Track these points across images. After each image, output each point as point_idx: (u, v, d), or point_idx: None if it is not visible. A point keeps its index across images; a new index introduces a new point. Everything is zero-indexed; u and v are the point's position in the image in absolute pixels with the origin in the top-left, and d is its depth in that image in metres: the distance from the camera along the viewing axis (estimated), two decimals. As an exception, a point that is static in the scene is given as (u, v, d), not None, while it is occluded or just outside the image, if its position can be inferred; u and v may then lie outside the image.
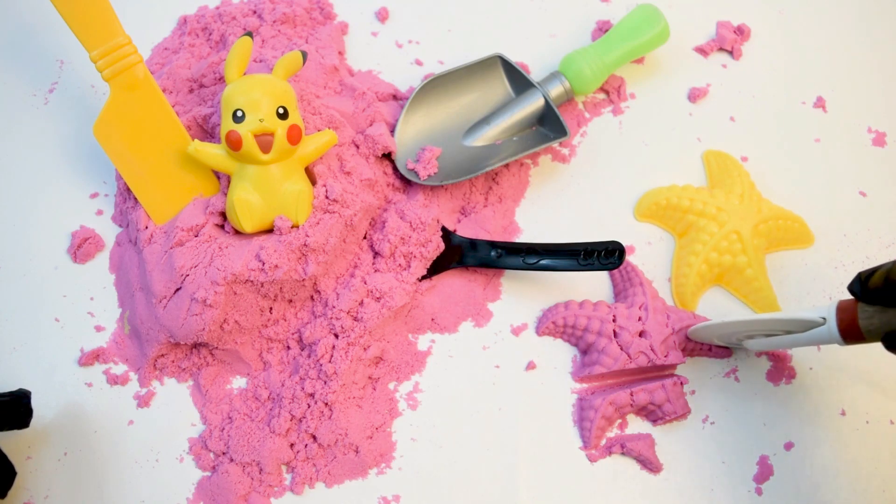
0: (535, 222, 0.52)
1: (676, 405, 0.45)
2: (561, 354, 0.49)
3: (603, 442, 0.46)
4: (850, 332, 0.35)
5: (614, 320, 0.47)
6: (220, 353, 0.47)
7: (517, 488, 0.45)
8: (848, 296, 0.46)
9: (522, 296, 0.50)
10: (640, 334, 0.46)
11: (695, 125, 0.56)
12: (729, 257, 0.49)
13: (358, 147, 0.49)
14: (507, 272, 0.51)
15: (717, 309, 0.50)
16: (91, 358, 0.47)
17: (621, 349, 0.46)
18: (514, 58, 0.54)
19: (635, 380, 0.47)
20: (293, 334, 0.48)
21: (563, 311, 0.48)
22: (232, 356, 0.47)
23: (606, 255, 0.47)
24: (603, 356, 0.46)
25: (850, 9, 0.60)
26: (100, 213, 0.51)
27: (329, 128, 0.48)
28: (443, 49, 0.57)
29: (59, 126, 0.53)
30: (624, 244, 0.48)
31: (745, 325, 0.43)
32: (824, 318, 0.37)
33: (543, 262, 0.48)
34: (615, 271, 0.50)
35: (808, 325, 0.38)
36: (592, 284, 0.50)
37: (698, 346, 0.48)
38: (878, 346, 0.50)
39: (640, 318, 0.47)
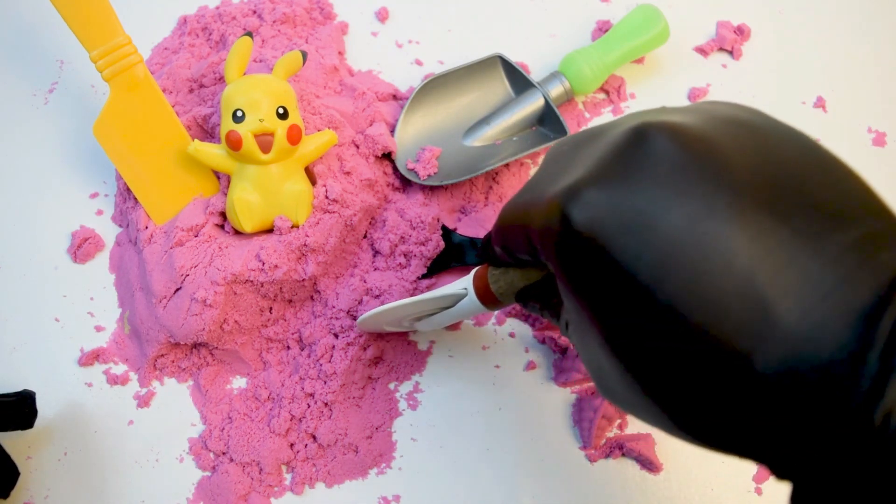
0: (535, 222, 0.52)
1: None
2: (561, 354, 0.49)
3: (603, 442, 0.46)
4: (487, 296, 0.35)
5: None
6: (220, 353, 0.47)
7: (517, 488, 0.45)
8: None
9: (522, 296, 0.50)
10: None
11: (695, 125, 0.55)
12: None
13: (358, 147, 0.49)
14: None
15: None
16: (91, 358, 0.47)
17: None
18: (514, 58, 0.54)
19: None
20: (293, 334, 0.48)
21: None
22: (232, 356, 0.47)
23: None
24: (579, 361, 0.46)
25: (850, 9, 0.60)
26: (100, 213, 0.51)
27: (329, 128, 0.48)
28: (443, 49, 0.57)
29: (59, 126, 0.53)
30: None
31: (405, 309, 0.42)
32: (466, 289, 0.37)
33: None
34: None
35: (456, 299, 0.38)
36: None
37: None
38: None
39: None
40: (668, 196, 0.23)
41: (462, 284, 0.38)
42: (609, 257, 0.24)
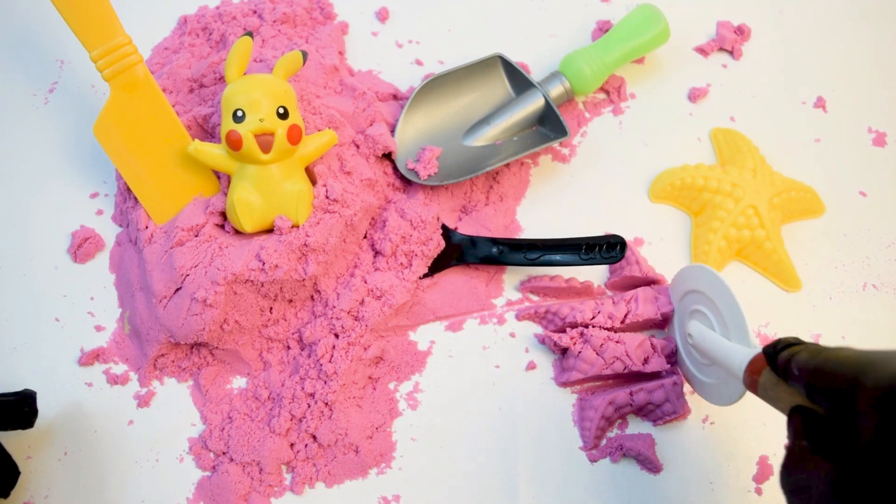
0: (536, 221, 0.52)
1: (676, 405, 0.45)
2: (561, 354, 0.49)
3: (603, 442, 0.46)
4: (751, 385, 0.37)
5: (593, 317, 0.47)
6: (220, 353, 0.47)
7: (517, 488, 0.45)
8: None
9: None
10: (617, 341, 0.46)
11: (695, 125, 0.56)
12: (747, 232, 0.49)
13: (358, 147, 0.49)
14: (509, 269, 0.51)
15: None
16: (91, 358, 0.47)
17: (597, 354, 0.46)
18: (514, 58, 0.54)
19: (632, 380, 0.47)
20: (293, 334, 0.48)
21: (549, 281, 0.49)
22: (232, 356, 0.47)
23: (608, 249, 0.47)
24: (580, 361, 0.46)
25: (850, 9, 0.60)
26: (100, 213, 0.51)
27: (329, 128, 0.48)
28: (443, 49, 0.57)
29: (59, 126, 0.53)
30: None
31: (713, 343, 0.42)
32: (740, 367, 0.38)
33: (545, 257, 0.48)
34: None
35: (730, 366, 0.39)
36: (594, 279, 0.50)
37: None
38: (877, 347, 0.50)
39: (627, 313, 0.47)
40: None
41: (741, 358, 0.38)
42: None
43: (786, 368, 0.32)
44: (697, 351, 0.43)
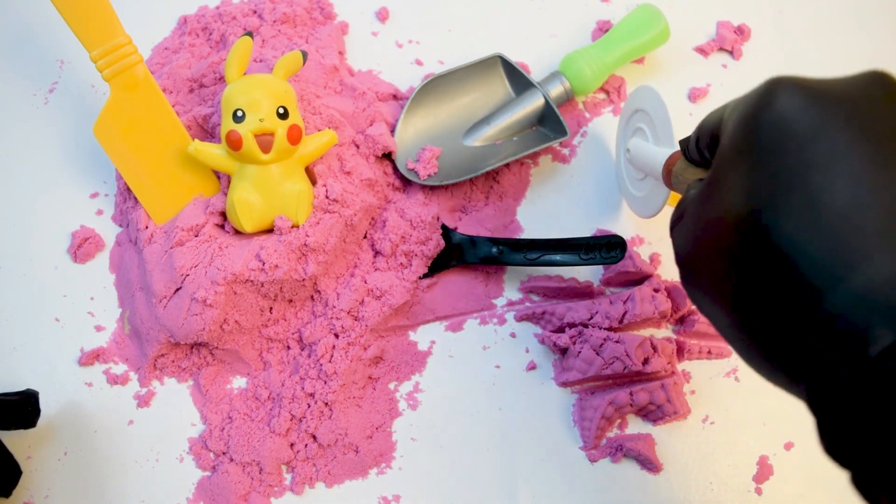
0: (536, 221, 0.52)
1: (676, 405, 0.45)
2: (561, 354, 0.49)
3: (603, 442, 0.46)
4: (667, 176, 0.40)
5: (591, 318, 0.47)
6: (220, 353, 0.47)
7: (517, 488, 0.45)
8: None
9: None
10: (617, 341, 0.46)
11: (695, 125, 0.55)
12: None
13: (358, 147, 0.49)
14: (509, 269, 0.51)
15: None
16: (91, 358, 0.47)
17: (596, 354, 0.46)
18: (514, 58, 0.54)
19: (632, 381, 0.47)
20: (293, 334, 0.48)
21: (549, 281, 0.49)
22: (232, 356, 0.47)
23: (608, 250, 0.47)
24: (579, 361, 0.46)
25: (850, 9, 0.60)
26: (100, 213, 0.51)
27: (329, 128, 0.48)
28: (443, 49, 0.57)
29: (59, 126, 0.53)
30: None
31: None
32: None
33: (545, 257, 0.48)
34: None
35: (654, 160, 0.42)
36: (594, 279, 0.50)
37: (696, 347, 0.48)
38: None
39: (624, 313, 0.47)
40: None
41: (662, 157, 0.41)
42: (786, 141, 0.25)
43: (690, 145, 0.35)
44: (633, 165, 0.46)
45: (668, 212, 0.44)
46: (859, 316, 0.22)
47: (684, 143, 0.36)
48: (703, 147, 0.33)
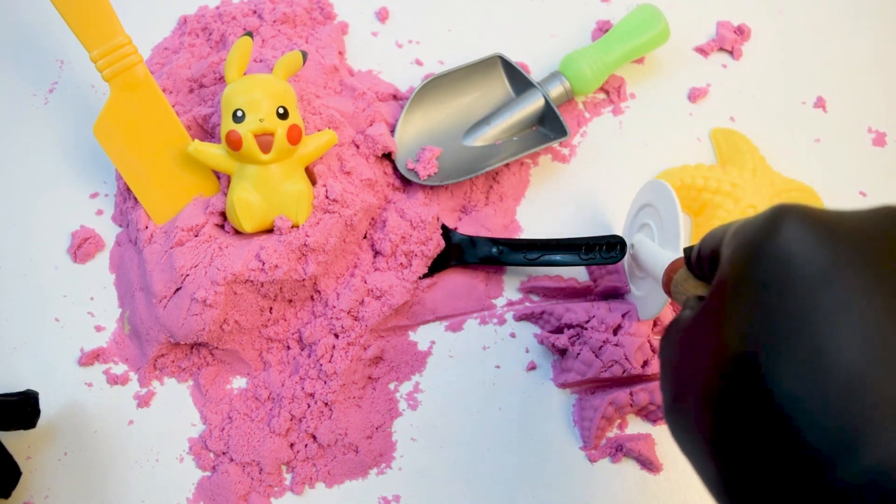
0: (535, 221, 0.52)
1: None
2: (561, 354, 0.49)
3: (603, 442, 0.46)
4: (667, 284, 0.37)
5: (588, 320, 0.47)
6: (220, 353, 0.47)
7: (517, 488, 0.45)
8: None
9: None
10: (616, 344, 0.46)
11: (695, 125, 0.56)
12: None
13: (358, 147, 0.49)
14: (509, 269, 0.51)
15: None
16: (91, 358, 0.47)
17: (595, 356, 0.46)
18: (514, 58, 0.54)
19: (632, 381, 0.47)
20: (293, 334, 0.48)
21: (549, 281, 0.49)
22: (232, 356, 0.47)
23: (608, 249, 0.47)
24: (577, 363, 0.46)
25: (850, 9, 0.60)
26: (100, 213, 0.51)
27: (329, 128, 0.48)
28: (443, 49, 0.57)
29: (59, 126, 0.53)
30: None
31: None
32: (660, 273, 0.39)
33: (545, 257, 0.48)
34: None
35: (657, 266, 0.40)
36: (592, 284, 0.50)
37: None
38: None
39: (619, 326, 0.47)
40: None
41: (665, 261, 0.38)
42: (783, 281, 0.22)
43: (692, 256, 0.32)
44: (635, 262, 0.45)
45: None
46: (876, 498, 0.19)
47: (688, 251, 0.33)
48: (703, 263, 0.30)
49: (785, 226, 0.23)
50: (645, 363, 0.46)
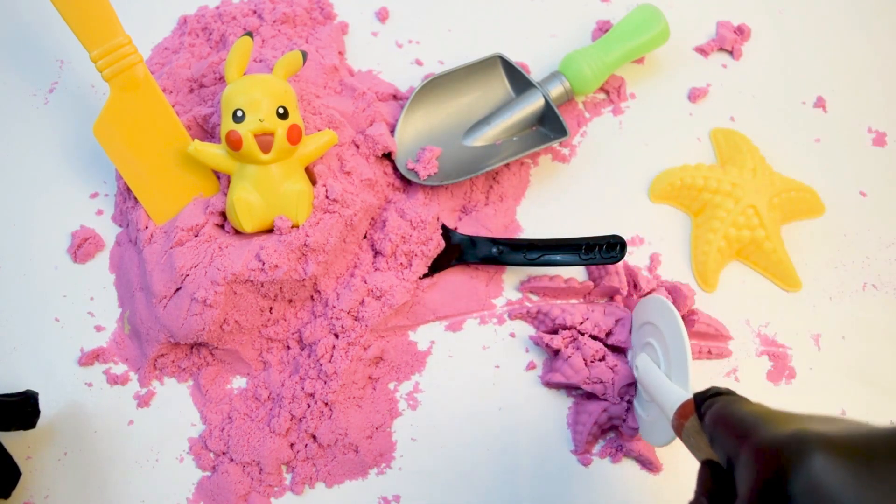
0: (535, 221, 0.52)
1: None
2: (561, 354, 0.49)
3: (601, 443, 0.46)
4: (677, 429, 0.36)
5: (582, 322, 0.46)
6: (220, 353, 0.47)
7: (517, 488, 0.45)
8: None
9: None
10: (611, 367, 0.45)
11: (695, 125, 0.56)
12: (747, 232, 0.50)
13: (358, 147, 0.49)
14: (509, 269, 0.51)
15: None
16: (91, 358, 0.47)
17: (585, 365, 0.45)
18: (514, 58, 0.54)
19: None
20: (293, 334, 0.48)
21: (549, 282, 0.49)
22: (232, 356, 0.47)
23: (608, 249, 0.47)
24: (566, 366, 0.46)
25: (850, 9, 0.60)
26: (100, 213, 0.51)
27: (329, 128, 0.48)
28: (443, 49, 0.57)
29: (59, 126, 0.53)
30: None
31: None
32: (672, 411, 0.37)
33: (545, 257, 0.48)
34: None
35: (667, 404, 0.38)
36: (592, 284, 0.50)
37: (696, 347, 0.48)
38: (877, 347, 0.50)
39: (610, 332, 0.46)
40: None
41: (674, 400, 0.37)
42: None
43: (704, 416, 0.31)
44: (641, 385, 0.43)
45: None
46: None
47: (700, 399, 0.32)
48: (717, 440, 0.29)
49: (812, 456, 0.22)
50: (622, 396, 0.45)
